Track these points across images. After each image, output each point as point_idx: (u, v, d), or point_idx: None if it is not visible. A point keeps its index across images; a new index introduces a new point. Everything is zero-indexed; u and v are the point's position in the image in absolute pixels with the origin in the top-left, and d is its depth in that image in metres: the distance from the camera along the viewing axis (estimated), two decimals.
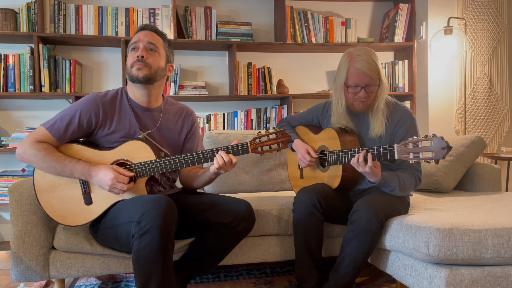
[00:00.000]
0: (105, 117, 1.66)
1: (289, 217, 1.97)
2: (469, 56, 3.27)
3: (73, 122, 1.62)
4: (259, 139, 1.62)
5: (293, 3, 3.32)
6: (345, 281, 1.68)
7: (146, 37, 1.68)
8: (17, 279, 1.74)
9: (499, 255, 1.44)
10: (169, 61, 1.76)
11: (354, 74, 1.75)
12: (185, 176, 1.85)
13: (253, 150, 1.61)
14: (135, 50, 1.68)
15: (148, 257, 1.42)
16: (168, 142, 1.78)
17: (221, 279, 2.12)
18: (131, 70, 1.65)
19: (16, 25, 2.88)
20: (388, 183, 1.70)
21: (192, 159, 1.62)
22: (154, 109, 1.75)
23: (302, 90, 3.45)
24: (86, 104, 1.65)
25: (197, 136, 1.88)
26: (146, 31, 1.71)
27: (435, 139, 1.45)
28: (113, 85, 3.16)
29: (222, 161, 1.58)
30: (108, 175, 1.54)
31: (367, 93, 1.77)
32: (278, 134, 1.61)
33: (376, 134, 1.82)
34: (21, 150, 1.60)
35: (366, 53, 1.76)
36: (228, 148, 1.61)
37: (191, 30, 3.12)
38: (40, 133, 1.61)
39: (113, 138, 1.67)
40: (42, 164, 1.58)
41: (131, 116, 1.70)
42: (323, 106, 2.06)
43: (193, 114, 1.88)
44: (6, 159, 3.03)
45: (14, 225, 1.72)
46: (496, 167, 2.41)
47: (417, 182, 1.77)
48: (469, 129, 3.30)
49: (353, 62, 1.76)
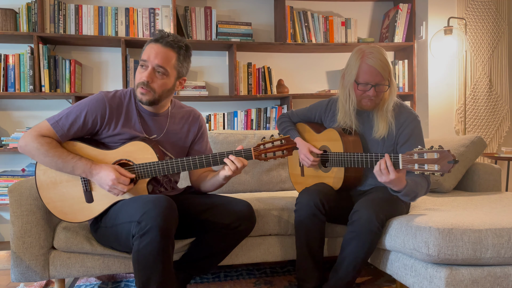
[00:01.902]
0: (110, 118, 1.65)
1: (289, 217, 1.97)
2: (469, 56, 3.27)
3: (78, 121, 1.61)
4: (263, 145, 1.60)
5: (293, 3, 3.32)
6: (345, 281, 1.68)
7: (156, 58, 1.58)
8: (17, 279, 1.74)
9: (499, 255, 1.43)
10: (180, 76, 1.69)
11: (366, 72, 1.71)
12: (196, 180, 1.84)
13: (256, 157, 1.60)
14: (143, 68, 1.61)
15: (148, 257, 1.42)
16: (174, 147, 1.77)
17: (221, 279, 2.12)
18: (136, 90, 1.63)
19: (16, 25, 2.88)
20: (413, 190, 1.59)
21: (194, 163, 1.61)
22: (161, 114, 1.74)
23: (302, 90, 3.45)
24: (93, 103, 1.63)
25: (205, 139, 1.87)
26: (158, 46, 1.59)
27: (442, 152, 1.40)
28: (113, 85, 3.16)
29: (234, 166, 1.57)
30: (109, 176, 1.54)
31: (376, 92, 1.73)
32: (282, 141, 1.59)
33: (379, 135, 1.80)
34: (23, 143, 1.59)
35: (378, 51, 1.72)
36: (230, 153, 1.60)
37: (191, 30, 3.12)
38: (44, 127, 1.60)
39: (116, 139, 1.67)
40: (44, 158, 1.57)
41: (136, 121, 1.68)
42: (326, 104, 2.02)
43: (200, 117, 1.85)
44: (6, 159, 3.03)
45: (14, 225, 1.72)
46: (496, 167, 2.41)
47: (429, 185, 1.73)
48: (469, 129, 3.30)
49: (365, 59, 1.71)
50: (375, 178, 1.87)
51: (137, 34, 3.04)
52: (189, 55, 1.70)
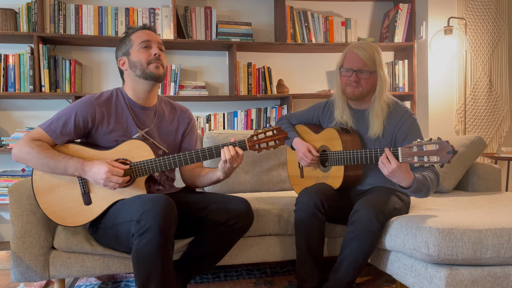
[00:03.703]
0: (101, 117, 1.67)
1: (289, 217, 1.97)
2: (469, 56, 3.27)
3: (69, 123, 1.63)
4: (256, 136, 1.63)
5: (293, 3, 3.32)
6: (345, 281, 1.68)
7: (156, 38, 1.72)
8: (17, 279, 1.74)
9: (499, 255, 1.44)
10: None
11: (349, 58, 1.82)
12: (187, 175, 1.85)
13: (250, 147, 1.62)
14: (147, 48, 1.69)
15: (148, 256, 1.42)
16: (166, 140, 1.79)
17: (221, 279, 2.12)
18: (147, 67, 1.67)
19: (16, 25, 2.88)
20: (423, 184, 1.59)
21: (191, 157, 1.62)
22: (150, 108, 1.77)
23: (302, 90, 3.45)
24: (81, 105, 1.66)
25: (194, 134, 1.89)
26: (150, 31, 1.74)
27: (440, 143, 1.42)
28: (113, 85, 3.16)
29: (229, 154, 1.59)
30: (102, 169, 1.54)
31: (358, 78, 1.79)
32: (274, 131, 1.63)
33: (374, 133, 1.82)
34: (16, 150, 1.60)
35: (367, 44, 1.82)
36: (226, 145, 1.62)
37: (191, 30, 3.12)
38: (36, 132, 1.62)
39: (111, 138, 1.68)
40: (36, 161, 1.58)
41: (128, 115, 1.71)
42: (324, 105, 2.05)
43: (188, 112, 1.89)
44: (6, 159, 3.03)
45: (14, 225, 1.72)
46: (496, 167, 2.41)
47: (438, 177, 1.70)
48: (469, 129, 3.30)
49: (351, 48, 1.83)
50: (375, 177, 1.88)
51: None
52: None
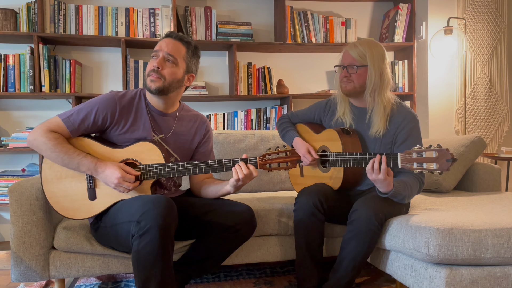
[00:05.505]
0: (120, 116, 1.67)
1: (289, 217, 1.97)
2: (469, 56, 3.27)
3: (89, 118, 1.64)
4: (269, 155, 1.62)
5: (293, 3, 3.32)
6: (345, 281, 1.68)
7: (167, 47, 1.65)
8: (17, 279, 1.74)
9: (499, 255, 1.44)
10: (189, 71, 1.72)
11: (343, 56, 1.89)
12: (197, 185, 1.84)
13: (261, 166, 1.62)
14: (154, 58, 1.66)
15: (148, 257, 1.42)
16: (180, 148, 1.78)
17: (221, 279, 2.12)
18: (146, 79, 1.66)
19: (16, 25, 2.88)
20: (400, 193, 1.64)
21: (200, 167, 1.62)
22: (169, 114, 1.76)
23: (302, 90, 3.45)
24: (104, 101, 1.66)
25: (210, 145, 1.88)
26: (169, 39, 1.68)
27: (440, 150, 1.42)
28: (113, 85, 3.16)
29: (242, 173, 1.58)
30: (114, 173, 1.55)
31: (349, 74, 1.83)
32: (288, 152, 1.62)
33: (376, 132, 1.82)
34: (32, 137, 1.61)
35: (363, 40, 1.86)
36: (236, 160, 1.61)
37: (191, 30, 3.12)
38: (54, 123, 1.62)
39: (125, 138, 1.68)
40: (51, 153, 1.58)
41: (146, 119, 1.70)
42: (325, 103, 2.05)
43: (207, 123, 1.88)
44: (6, 159, 3.03)
45: (14, 225, 1.72)
46: (496, 167, 2.41)
47: (421, 186, 1.75)
48: (469, 129, 3.30)
49: (346, 46, 1.89)
50: None
51: (137, 34, 3.04)
52: (197, 54, 1.77)
